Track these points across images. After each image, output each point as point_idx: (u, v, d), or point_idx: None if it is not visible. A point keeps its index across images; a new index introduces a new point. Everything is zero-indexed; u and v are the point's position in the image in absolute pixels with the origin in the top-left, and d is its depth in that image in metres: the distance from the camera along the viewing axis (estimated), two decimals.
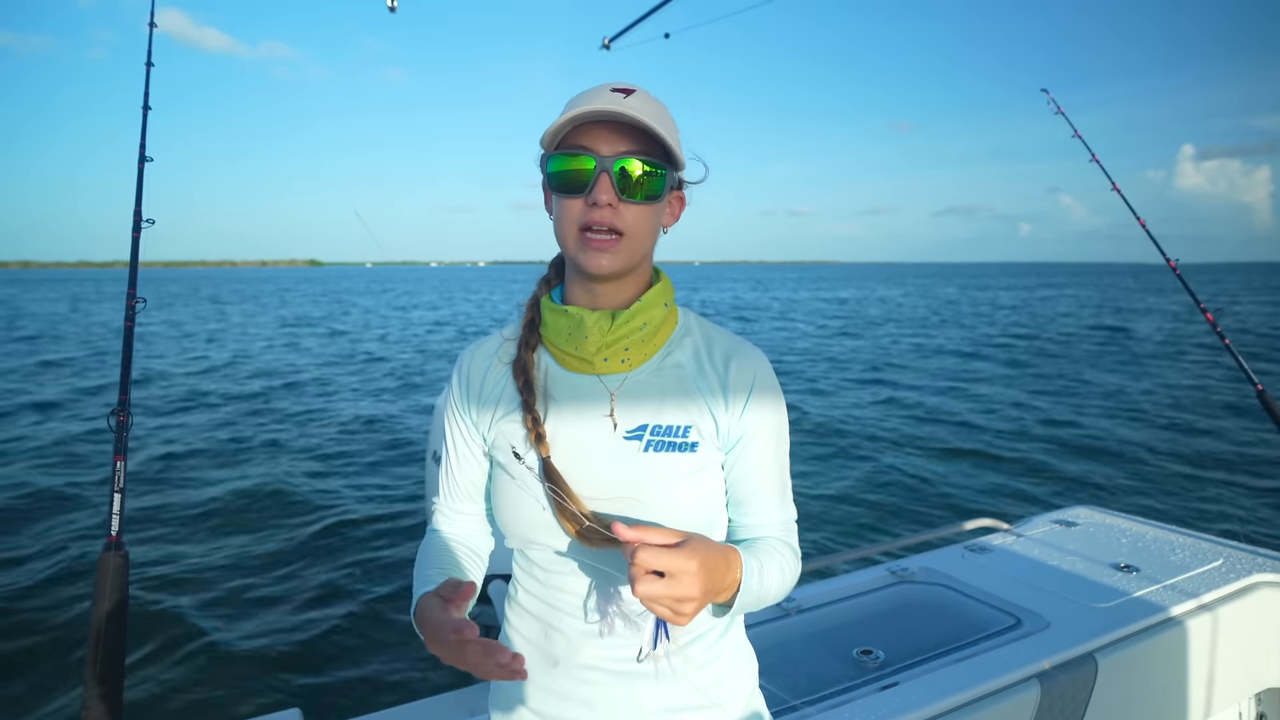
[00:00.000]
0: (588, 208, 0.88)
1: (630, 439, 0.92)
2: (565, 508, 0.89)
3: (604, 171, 0.87)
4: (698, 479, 0.93)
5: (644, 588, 0.74)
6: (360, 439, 8.75)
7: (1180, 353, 16.40)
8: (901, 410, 10.45)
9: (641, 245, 0.92)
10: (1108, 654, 1.73)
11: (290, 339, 21.09)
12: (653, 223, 0.93)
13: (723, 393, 0.95)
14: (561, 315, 0.94)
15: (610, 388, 0.94)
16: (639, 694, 0.93)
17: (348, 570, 4.93)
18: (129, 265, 1.76)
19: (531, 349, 0.98)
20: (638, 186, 0.88)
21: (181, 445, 8.28)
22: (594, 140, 0.88)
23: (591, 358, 0.94)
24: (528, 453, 0.93)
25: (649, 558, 0.74)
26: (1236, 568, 2.10)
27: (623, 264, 0.91)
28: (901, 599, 2.16)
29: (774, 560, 0.92)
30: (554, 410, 0.95)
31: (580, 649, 0.94)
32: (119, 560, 1.51)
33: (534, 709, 0.97)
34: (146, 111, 1.95)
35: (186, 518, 5.93)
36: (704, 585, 0.76)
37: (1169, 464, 7.59)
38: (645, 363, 0.96)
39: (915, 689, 1.58)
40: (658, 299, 0.96)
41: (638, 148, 0.88)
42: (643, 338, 0.95)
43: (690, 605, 0.75)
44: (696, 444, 0.93)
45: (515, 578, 1.04)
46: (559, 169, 0.90)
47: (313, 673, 3.75)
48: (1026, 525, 2.55)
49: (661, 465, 0.91)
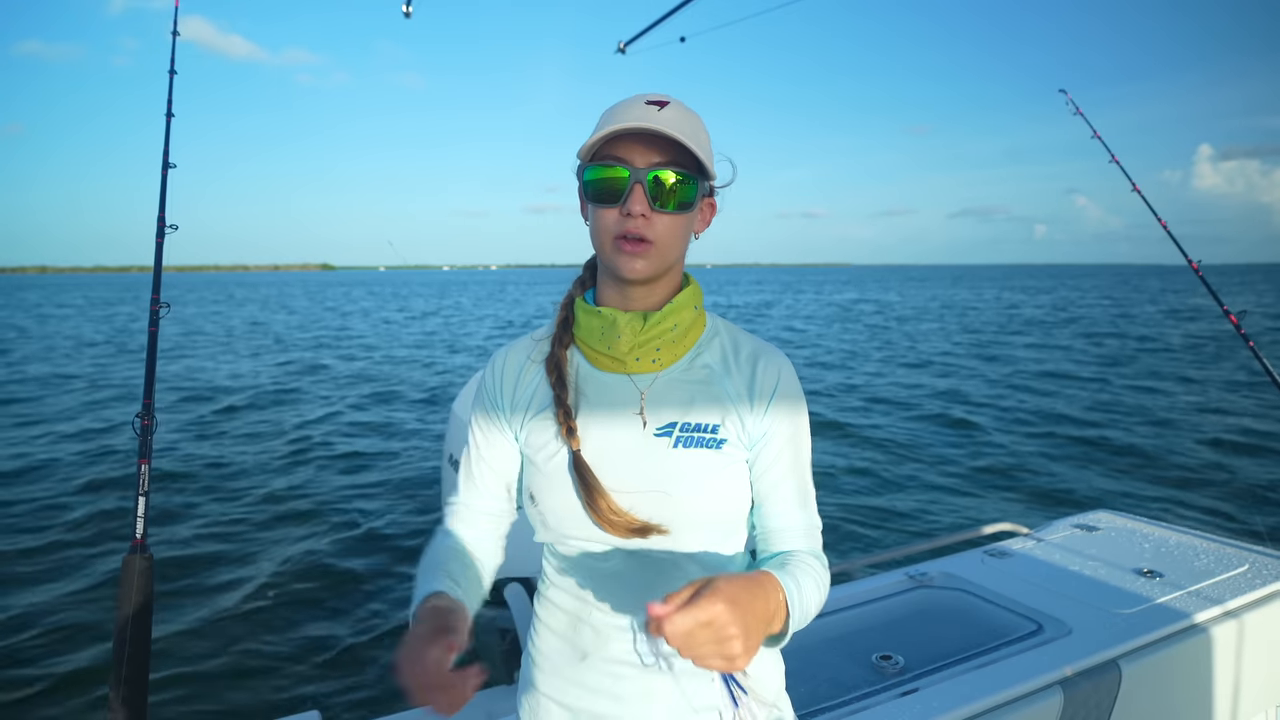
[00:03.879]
0: (622, 217, 0.91)
1: (660, 435, 0.94)
2: (593, 499, 0.91)
3: (638, 183, 0.89)
4: (726, 476, 0.94)
5: (686, 650, 0.70)
6: (383, 442, 8.80)
7: (1201, 353, 16.21)
8: (920, 414, 10.39)
9: (673, 252, 0.95)
10: (1131, 661, 1.70)
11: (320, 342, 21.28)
12: (684, 230, 0.95)
13: (748, 393, 0.97)
14: (595, 316, 0.97)
15: (641, 387, 0.97)
16: (665, 688, 0.94)
17: (369, 572, 4.96)
18: (153, 270, 1.78)
19: (565, 347, 1.01)
20: (670, 196, 0.91)
21: (208, 447, 8.36)
22: (629, 152, 0.90)
23: (624, 357, 0.96)
24: (559, 447, 0.95)
25: (674, 626, 0.68)
26: (1262, 573, 2.07)
27: (655, 269, 0.93)
28: (921, 604, 2.14)
29: (808, 575, 0.91)
30: (585, 407, 0.97)
31: (609, 642, 0.96)
32: (144, 563, 1.54)
33: (562, 702, 0.99)
34: (170, 119, 1.98)
35: (210, 520, 5.99)
36: (740, 622, 0.72)
37: (1191, 467, 7.49)
38: (675, 363, 0.98)
39: (936, 695, 1.56)
40: (688, 302, 0.99)
41: (671, 159, 0.90)
42: (673, 339, 0.97)
43: (736, 645, 0.71)
44: (725, 441, 0.95)
45: (545, 573, 1.05)
46: (594, 179, 0.92)
47: (332, 675, 3.77)
48: (1047, 530, 2.52)
49: (691, 461, 0.93)
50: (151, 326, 1.75)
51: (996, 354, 17.04)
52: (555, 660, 1.00)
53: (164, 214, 1.86)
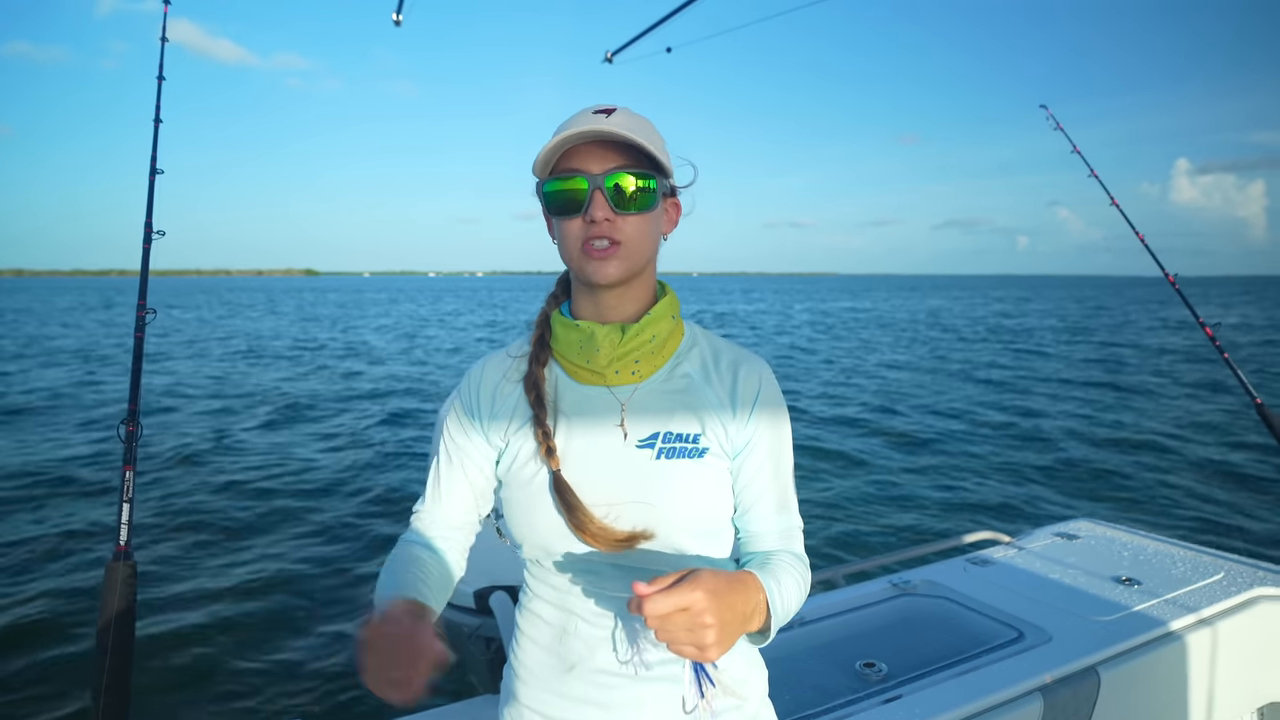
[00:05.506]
0: (586, 225, 0.92)
1: (642, 447, 0.95)
2: (576, 518, 0.91)
3: (597, 189, 0.91)
4: (708, 484, 0.95)
5: (661, 633, 0.74)
6: (369, 449, 8.74)
7: (1177, 365, 16.43)
8: (902, 422, 10.45)
9: (642, 253, 0.95)
10: (1110, 667, 1.73)
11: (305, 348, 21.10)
12: (651, 230, 0.96)
13: (730, 401, 0.98)
14: (573, 330, 0.98)
15: (621, 399, 0.97)
16: (654, 697, 0.94)
17: (353, 581, 4.92)
18: (140, 276, 1.77)
19: (542, 365, 1.01)
20: (631, 199, 0.92)
21: (191, 453, 8.27)
22: (584, 161, 0.92)
23: (603, 370, 0.96)
24: (539, 468, 0.95)
25: (653, 606, 0.72)
26: (1238, 581, 2.11)
27: (626, 270, 0.94)
28: (904, 612, 2.16)
29: (789, 574, 0.93)
30: (565, 422, 0.97)
31: (595, 653, 0.95)
32: (127, 570, 1.52)
33: (546, 715, 0.98)
34: (158, 124, 1.97)
35: (194, 527, 5.92)
36: (716, 612, 0.74)
37: (1169, 477, 7.59)
38: (654, 374, 0.99)
39: (918, 702, 1.58)
40: (665, 312, 0.99)
41: (626, 162, 0.92)
42: (652, 350, 0.98)
43: (709, 634, 0.74)
44: (706, 449, 0.95)
45: (527, 584, 1.05)
46: (554, 192, 0.93)
47: (316, 683, 3.73)
48: (1028, 538, 2.56)
49: (673, 471, 0.94)
50: (138, 332, 1.73)
51: (969, 360, 17.20)
52: (539, 672, 1.00)
53: (151, 219, 1.85)
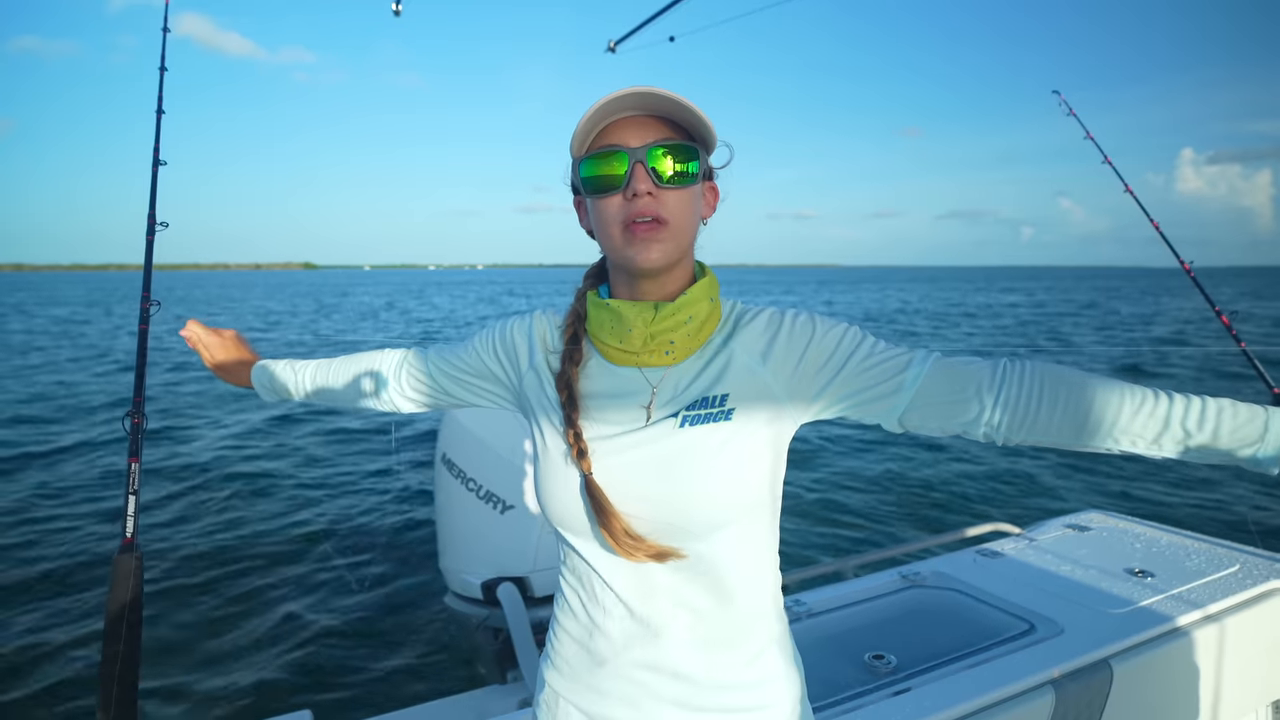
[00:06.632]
0: (627, 201, 0.88)
1: (667, 419, 0.92)
2: (608, 523, 0.89)
3: (638, 162, 0.87)
4: (735, 446, 0.90)
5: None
6: (374, 440, 8.75)
7: (1193, 354, 16.31)
8: None
9: (686, 232, 0.92)
10: (1123, 661, 1.71)
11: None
12: (694, 207, 0.93)
13: (789, 367, 0.93)
14: (603, 309, 0.95)
15: (652, 381, 0.95)
16: (685, 694, 0.93)
17: (361, 571, 4.93)
18: (143, 268, 1.76)
19: (576, 363, 0.98)
20: (674, 170, 0.89)
21: (196, 446, 8.30)
22: (622, 136, 0.89)
23: (637, 350, 0.94)
24: (572, 468, 0.94)
25: None
26: (1253, 574, 2.08)
27: (671, 253, 0.90)
28: (913, 603, 2.15)
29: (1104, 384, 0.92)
30: (595, 407, 0.96)
31: (625, 649, 0.94)
32: (134, 561, 1.52)
33: (581, 707, 0.98)
34: (160, 115, 1.96)
35: (201, 519, 5.95)
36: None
37: (1182, 468, 7.54)
38: (689, 358, 0.95)
39: (928, 694, 1.56)
40: (704, 293, 0.95)
41: (667, 134, 0.89)
42: (689, 332, 0.94)
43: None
44: (733, 410, 0.91)
45: (562, 576, 1.04)
46: (593, 171, 0.90)
47: (324, 674, 3.75)
48: (1039, 529, 2.53)
49: (696, 437, 0.90)
50: (142, 324, 1.72)
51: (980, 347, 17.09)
52: (574, 663, 0.99)
53: (154, 211, 1.83)
